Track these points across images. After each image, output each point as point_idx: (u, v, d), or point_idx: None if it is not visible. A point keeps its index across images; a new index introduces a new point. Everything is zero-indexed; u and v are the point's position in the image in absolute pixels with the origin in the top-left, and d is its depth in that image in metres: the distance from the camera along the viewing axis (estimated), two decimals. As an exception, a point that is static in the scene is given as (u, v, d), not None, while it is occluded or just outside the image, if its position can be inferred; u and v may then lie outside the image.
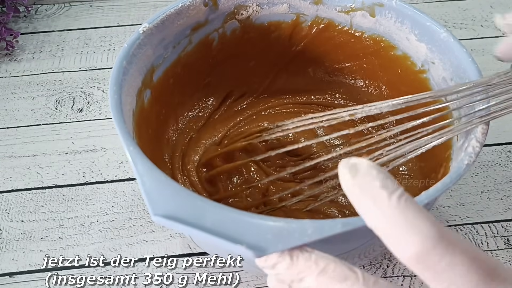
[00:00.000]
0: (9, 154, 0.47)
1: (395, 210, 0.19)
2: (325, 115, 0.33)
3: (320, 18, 0.41)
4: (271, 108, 0.46)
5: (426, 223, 0.19)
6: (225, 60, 0.43)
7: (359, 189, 0.20)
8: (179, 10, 0.36)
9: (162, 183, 0.25)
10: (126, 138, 0.28)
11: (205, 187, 0.40)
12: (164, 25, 0.36)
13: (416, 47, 0.38)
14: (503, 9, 0.63)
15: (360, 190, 0.20)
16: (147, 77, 0.36)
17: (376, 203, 0.19)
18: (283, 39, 0.43)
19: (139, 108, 0.35)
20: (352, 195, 0.20)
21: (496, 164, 0.46)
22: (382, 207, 0.19)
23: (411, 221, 0.19)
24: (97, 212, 0.42)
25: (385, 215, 0.19)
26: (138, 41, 0.34)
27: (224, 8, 0.39)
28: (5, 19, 0.57)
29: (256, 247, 0.22)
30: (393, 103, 0.30)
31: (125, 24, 0.61)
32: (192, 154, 0.42)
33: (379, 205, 0.19)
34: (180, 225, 0.23)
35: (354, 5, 0.39)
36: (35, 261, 0.39)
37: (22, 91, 0.53)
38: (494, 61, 0.32)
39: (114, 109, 0.29)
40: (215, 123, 0.45)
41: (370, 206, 0.19)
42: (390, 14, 0.38)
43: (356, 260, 0.33)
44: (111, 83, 0.31)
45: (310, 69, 0.46)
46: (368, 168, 0.20)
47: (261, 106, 0.46)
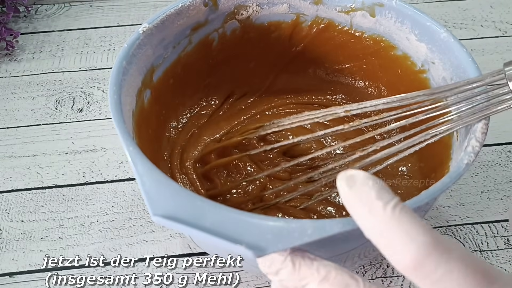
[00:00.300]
0: (9, 154, 0.47)
1: (390, 219, 0.19)
2: (320, 112, 0.33)
3: (320, 18, 0.41)
4: (274, 108, 0.47)
5: (421, 231, 0.19)
6: (225, 60, 0.43)
7: (355, 200, 0.20)
8: (179, 10, 0.36)
9: (162, 183, 0.25)
10: (126, 138, 0.28)
11: (202, 182, 0.40)
12: (164, 25, 0.36)
13: (416, 47, 0.38)
14: (503, 9, 0.63)
15: (357, 201, 0.20)
16: (147, 77, 0.36)
17: (372, 213, 0.20)
18: (283, 39, 0.43)
19: (139, 108, 0.35)
20: (350, 205, 0.21)
21: (496, 164, 0.46)
22: (378, 217, 0.19)
23: (406, 229, 0.19)
24: (97, 212, 0.42)
25: (380, 224, 0.19)
26: (138, 41, 0.34)
27: (224, 8, 0.39)
28: (5, 19, 0.57)
29: (256, 247, 0.22)
30: (388, 101, 0.30)
31: (125, 24, 0.61)
32: (192, 151, 0.42)
33: (375, 215, 0.20)
34: (180, 225, 0.23)
35: (354, 5, 0.39)
36: (35, 261, 0.39)
37: (22, 91, 0.53)
38: (494, 61, 0.32)
39: (113, 109, 0.29)
40: (218, 121, 0.45)
41: (366, 216, 0.20)
42: (390, 14, 0.38)
43: (356, 259, 0.33)
44: (111, 83, 0.31)
45: (311, 69, 0.46)
46: (364, 179, 0.21)
47: (264, 106, 0.46)
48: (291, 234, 0.23)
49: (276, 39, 0.43)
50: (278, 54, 0.45)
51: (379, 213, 0.20)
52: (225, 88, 0.46)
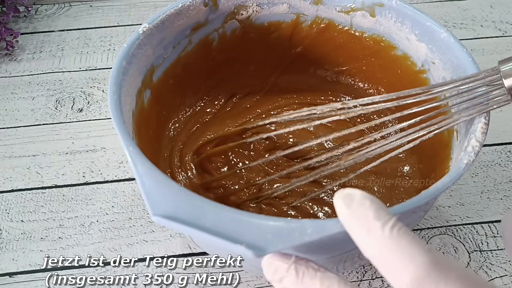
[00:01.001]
0: (9, 154, 0.47)
1: (388, 240, 0.19)
2: (318, 107, 0.33)
3: (320, 18, 0.41)
4: (279, 108, 0.47)
5: (420, 251, 0.19)
6: (226, 61, 0.43)
7: (353, 220, 0.21)
8: (179, 10, 0.36)
9: (162, 183, 0.25)
10: (126, 138, 0.28)
11: (199, 172, 0.40)
12: (164, 25, 0.36)
13: (416, 47, 0.38)
14: (503, 9, 0.63)
15: (355, 221, 0.20)
16: (147, 77, 0.36)
17: (371, 233, 0.20)
18: (283, 39, 0.43)
19: (138, 108, 0.35)
20: (348, 225, 0.21)
21: (496, 164, 0.46)
22: (377, 238, 0.20)
23: (405, 250, 0.19)
24: (97, 212, 0.42)
25: (379, 245, 0.20)
26: (138, 41, 0.34)
27: (224, 8, 0.39)
28: (5, 19, 0.57)
29: (255, 247, 0.22)
30: (385, 95, 0.31)
31: (125, 24, 0.61)
32: (192, 146, 0.42)
33: (374, 235, 0.20)
34: (180, 225, 0.23)
35: (354, 5, 0.39)
36: (35, 261, 0.39)
37: (22, 91, 0.53)
38: (494, 61, 0.32)
39: (113, 109, 0.29)
40: (223, 119, 0.45)
41: (364, 237, 0.20)
42: (390, 14, 0.38)
43: (356, 260, 0.33)
44: (111, 83, 0.31)
45: (311, 70, 0.46)
46: (361, 199, 0.21)
47: (269, 105, 0.47)
48: (291, 234, 0.23)
49: (276, 39, 0.43)
50: (279, 55, 0.45)
51: (378, 233, 0.20)
52: (226, 89, 0.46)
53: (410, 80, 0.39)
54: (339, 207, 0.21)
